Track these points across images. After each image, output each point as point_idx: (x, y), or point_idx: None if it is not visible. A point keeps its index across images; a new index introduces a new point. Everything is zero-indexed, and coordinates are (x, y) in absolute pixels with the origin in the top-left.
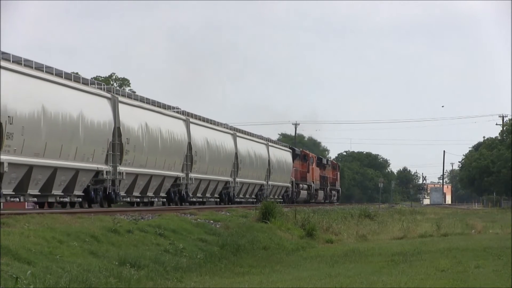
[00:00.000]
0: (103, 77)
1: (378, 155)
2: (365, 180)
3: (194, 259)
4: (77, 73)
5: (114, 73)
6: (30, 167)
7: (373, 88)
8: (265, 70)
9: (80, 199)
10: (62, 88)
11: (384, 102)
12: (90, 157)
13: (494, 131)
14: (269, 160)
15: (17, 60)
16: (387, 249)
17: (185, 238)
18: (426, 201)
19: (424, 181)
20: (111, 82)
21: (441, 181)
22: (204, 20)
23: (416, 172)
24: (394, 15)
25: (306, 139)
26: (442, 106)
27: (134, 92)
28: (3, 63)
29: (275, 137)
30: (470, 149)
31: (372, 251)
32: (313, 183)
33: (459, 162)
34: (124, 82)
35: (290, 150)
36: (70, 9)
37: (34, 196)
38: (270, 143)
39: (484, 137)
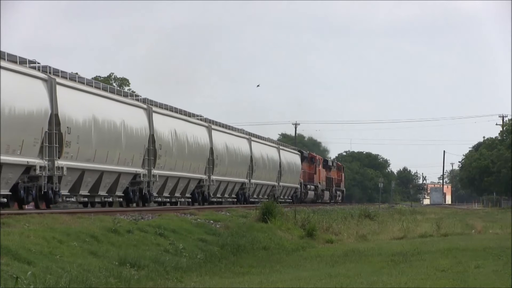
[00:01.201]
0: (103, 77)
1: (378, 155)
2: (365, 180)
3: (194, 259)
4: (97, 78)
5: (113, 73)
6: (83, 171)
7: (373, 88)
8: (265, 70)
9: (121, 199)
10: (108, 101)
11: (384, 102)
12: (129, 161)
13: (494, 131)
14: (280, 163)
15: (72, 77)
16: (387, 249)
17: (185, 238)
18: (426, 201)
19: (424, 181)
20: (111, 82)
21: (441, 181)
22: (204, 20)
23: (416, 172)
24: (394, 15)
25: (306, 139)
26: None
27: (134, 92)
28: (60, 80)
29: (275, 137)
30: (470, 149)
31: (372, 251)
32: (320, 184)
33: (459, 162)
34: (123, 82)
35: (299, 153)
36: (70, 9)
37: (84, 196)
38: (281, 147)
39: (484, 137)
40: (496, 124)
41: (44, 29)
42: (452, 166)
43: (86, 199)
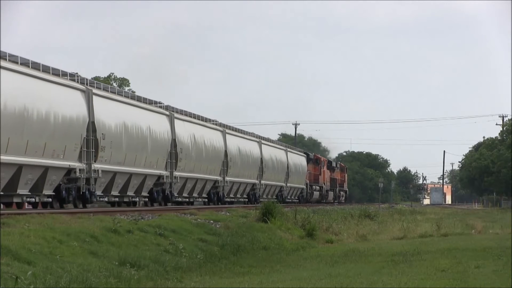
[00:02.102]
0: (103, 77)
1: (378, 155)
2: (365, 180)
3: (194, 259)
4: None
5: (113, 73)
6: (114, 173)
7: (373, 88)
8: (265, 70)
9: (147, 199)
10: (135, 108)
11: (384, 102)
12: (154, 164)
13: (494, 131)
14: (287, 164)
15: (105, 88)
16: (387, 249)
17: (185, 238)
18: (426, 201)
19: (424, 181)
20: (111, 82)
21: (441, 181)
22: (203, 20)
23: (416, 172)
24: (394, 15)
25: (306, 139)
26: None
27: (134, 92)
28: (96, 91)
29: (275, 137)
30: (470, 149)
31: (372, 251)
32: (324, 184)
33: (459, 162)
34: (123, 82)
35: (305, 155)
36: (69, 9)
37: (115, 196)
38: (288, 149)
39: (484, 137)
40: (496, 124)
41: (44, 29)
42: (452, 166)
43: (116, 199)
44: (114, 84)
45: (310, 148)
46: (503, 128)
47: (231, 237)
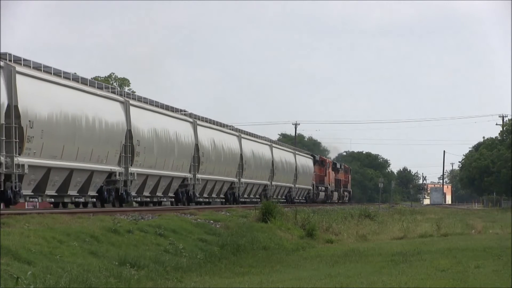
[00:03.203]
0: (103, 77)
1: (378, 155)
2: (365, 180)
3: (194, 259)
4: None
5: (113, 73)
6: (147, 176)
7: (373, 88)
8: (265, 70)
9: (173, 199)
10: (164, 116)
11: (384, 102)
12: (180, 167)
13: (494, 131)
14: (296, 167)
15: (139, 99)
16: (387, 249)
17: (185, 238)
18: (426, 201)
19: (424, 181)
20: (111, 82)
21: (441, 181)
22: (202, 20)
23: (416, 172)
24: (395, 15)
25: (306, 139)
26: None
27: (135, 92)
28: (132, 102)
29: (275, 137)
30: (470, 149)
31: (372, 251)
32: (329, 185)
33: (459, 162)
34: (123, 82)
35: (311, 157)
36: (69, 9)
37: (147, 197)
38: (296, 152)
39: (484, 137)
40: (496, 124)
41: (44, 29)
42: (452, 166)
43: (148, 199)
44: (115, 84)
45: (310, 148)
46: (503, 128)
47: (231, 237)
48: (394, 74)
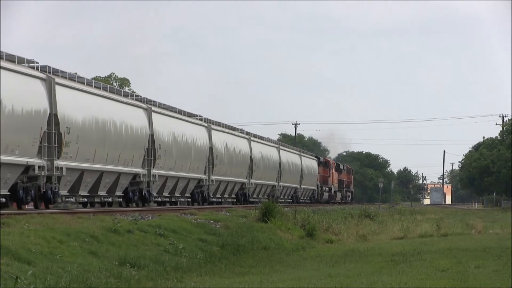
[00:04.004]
0: (103, 77)
1: (378, 155)
2: (365, 180)
3: (194, 259)
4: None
5: (113, 73)
6: (166, 178)
7: (373, 88)
8: (265, 70)
9: (190, 199)
10: (182, 122)
11: (384, 102)
12: (196, 169)
13: (494, 131)
14: (301, 168)
15: (160, 105)
16: (387, 249)
17: (185, 238)
18: (426, 201)
19: (424, 181)
20: (111, 82)
21: (441, 181)
22: (202, 20)
23: (416, 172)
24: (395, 15)
25: (306, 139)
26: None
27: (135, 92)
28: (154, 108)
29: (275, 137)
30: (470, 149)
31: (372, 251)
32: (333, 186)
33: (459, 162)
34: (123, 82)
35: (316, 159)
36: (69, 9)
37: (166, 197)
38: (302, 154)
39: (484, 137)
40: (496, 124)
41: (44, 29)
42: (452, 166)
43: (167, 199)
44: (115, 84)
45: (310, 148)
46: (503, 128)
47: (231, 237)
48: (394, 74)
